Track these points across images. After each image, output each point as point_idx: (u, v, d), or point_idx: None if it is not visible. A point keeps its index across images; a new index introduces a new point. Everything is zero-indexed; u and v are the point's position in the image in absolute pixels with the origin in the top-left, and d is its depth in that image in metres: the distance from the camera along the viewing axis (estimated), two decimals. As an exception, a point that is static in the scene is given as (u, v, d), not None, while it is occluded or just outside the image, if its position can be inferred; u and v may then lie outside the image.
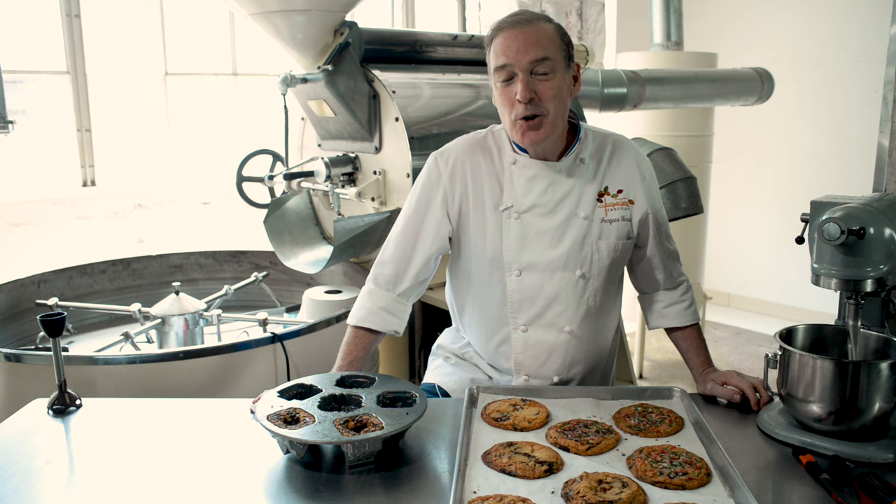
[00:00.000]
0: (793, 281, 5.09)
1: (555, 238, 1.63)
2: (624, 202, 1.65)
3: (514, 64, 1.52)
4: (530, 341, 1.69)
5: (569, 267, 1.64)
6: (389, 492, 1.27)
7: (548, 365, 1.71)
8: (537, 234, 1.64)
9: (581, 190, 1.64)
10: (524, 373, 1.73)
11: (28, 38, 3.65)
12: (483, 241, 1.66)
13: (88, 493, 1.29)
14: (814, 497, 1.25)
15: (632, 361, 3.16)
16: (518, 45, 1.51)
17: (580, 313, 1.68)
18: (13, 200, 3.54)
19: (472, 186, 1.67)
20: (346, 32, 2.60)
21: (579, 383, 1.76)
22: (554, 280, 1.65)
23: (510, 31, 1.53)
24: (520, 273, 1.65)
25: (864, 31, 4.92)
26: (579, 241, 1.63)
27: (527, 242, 1.64)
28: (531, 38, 1.51)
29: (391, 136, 2.62)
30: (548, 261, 1.64)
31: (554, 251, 1.64)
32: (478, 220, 1.67)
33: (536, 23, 1.54)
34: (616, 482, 1.23)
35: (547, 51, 1.52)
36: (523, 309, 1.68)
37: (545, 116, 1.55)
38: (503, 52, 1.53)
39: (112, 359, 1.96)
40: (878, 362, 1.38)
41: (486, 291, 1.71)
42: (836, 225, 1.39)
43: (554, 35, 1.55)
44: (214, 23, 4.27)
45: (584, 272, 1.64)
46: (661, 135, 4.17)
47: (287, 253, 2.81)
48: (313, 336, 2.18)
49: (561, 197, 1.63)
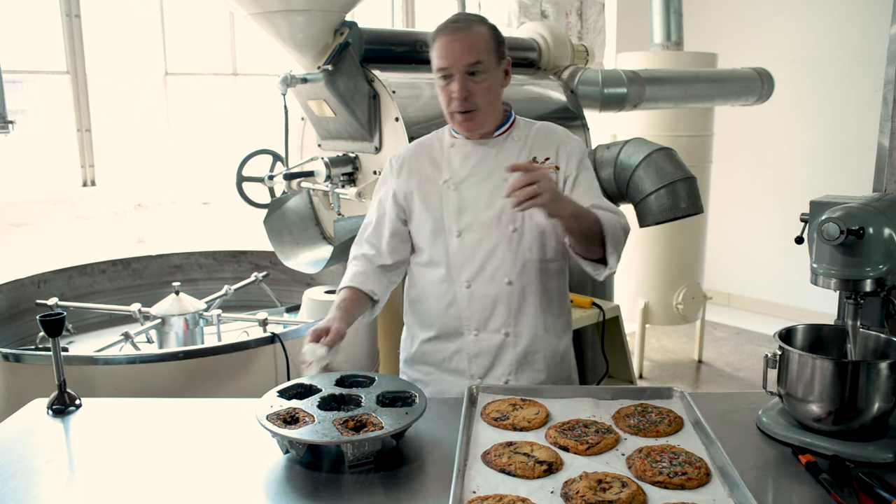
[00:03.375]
0: (792, 281, 5.09)
1: (488, 201, 1.82)
2: (551, 167, 1.81)
3: (452, 67, 1.72)
4: (475, 296, 1.84)
5: (502, 223, 1.81)
6: (389, 492, 1.27)
7: (494, 317, 1.84)
8: (473, 199, 1.83)
9: (510, 160, 1.80)
10: (473, 328, 1.85)
11: (28, 38, 3.65)
12: (427, 210, 1.87)
13: (88, 493, 1.29)
14: (813, 497, 1.25)
15: (632, 361, 3.16)
16: (455, 50, 1.71)
17: (517, 265, 1.82)
18: (13, 200, 3.54)
19: (417, 174, 1.90)
20: (346, 32, 2.60)
21: (530, 342, 1.85)
22: (490, 236, 1.82)
23: (449, 36, 1.73)
24: (460, 234, 1.83)
25: (864, 31, 4.92)
26: (510, 200, 1.75)
27: (464, 207, 1.84)
28: (466, 44, 1.72)
29: (391, 136, 2.61)
30: (482, 220, 1.82)
31: (488, 212, 1.82)
32: (423, 198, 1.88)
33: (472, 28, 1.74)
34: (615, 482, 1.23)
35: (480, 55, 1.72)
36: (465, 266, 1.84)
37: (478, 111, 1.76)
38: (443, 55, 1.73)
39: (112, 359, 1.96)
40: (878, 362, 1.38)
41: (433, 258, 1.87)
42: (835, 225, 1.39)
43: (487, 39, 1.75)
44: (214, 23, 4.26)
45: (516, 226, 1.80)
46: (661, 135, 4.16)
47: (287, 253, 2.81)
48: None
49: (492, 167, 1.83)
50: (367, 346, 2.50)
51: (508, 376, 1.85)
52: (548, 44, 3.39)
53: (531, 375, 1.86)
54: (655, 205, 2.95)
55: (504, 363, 1.85)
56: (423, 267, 1.91)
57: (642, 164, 2.96)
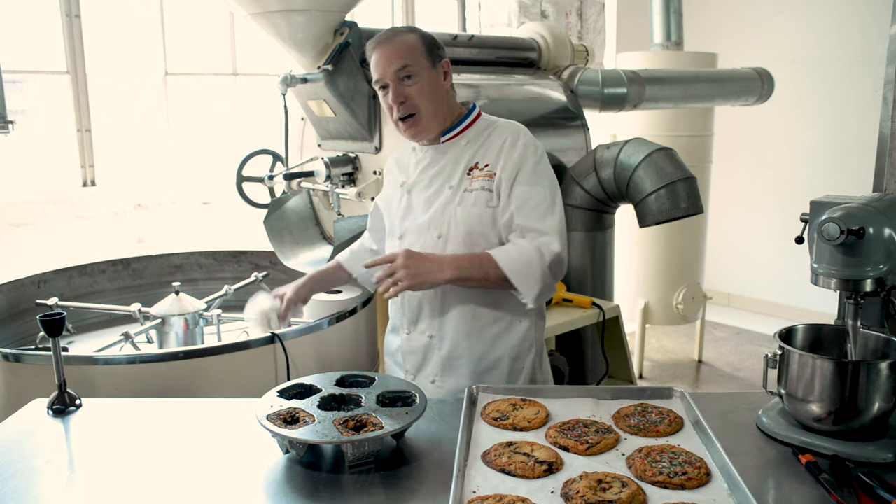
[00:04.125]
0: (793, 281, 5.09)
1: (426, 206, 1.87)
2: (488, 174, 1.82)
3: (384, 76, 1.77)
4: (405, 297, 1.90)
5: (430, 230, 1.84)
6: (389, 492, 1.27)
7: (421, 319, 1.89)
8: (416, 203, 1.89)
9: (454, 166, 1.85)
10: (406, 327, 1.92)
11: (28, 38, 3.65)
12: (388, 215, 1.97)
13: (88, 493, 1.29)
14: (813, 497, 1.25)
15: (632, 361, 3.16)
16: (384, 60, 1.77)
17: None
18: (13, 200, 3.54)
19: (393, 179, 1.99)
20: (346, 32, 2.61)
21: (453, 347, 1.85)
22: (419, 242, 1.85)
23: (378, 49, 1.78)
24: (401, 237, 1.90)
25: (864, 31, 4.92)
26: (441, 207, 1.84)
27: (408, 211, 1.90)
28: (393, 53, 1.76)
29: (391, 136, 2.61)
30: (417, 225, 1.87)
31: (422, 217, 1.86)
32: (392, 200, 1.97)
33: (398, 37, 1.79)
34: (615, 482, 1.23)
35: (406, 59, 1.76)
36: None
37: (418, 115, 1.79)
38: (375, 68, 1.79)
39: (112, 359, 1.96)
40: (878, 362, 1.38)
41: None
42: (835, 225, 1.39)
43: (414, 44, 1.78)
44: (214, 23, 4.26)
45: (441, 233, 1.83)
46: (661, 135, 4.16)
47: (287, 253, 2.81)
48: (313, 336, 2.18)
49: (436, 172, 1.87)
50: (367, 346, 2.50)
51: (435, 377, 1.88)
52: (548, 44, 3.40)
53: (456, 381, 1.86)
54: (655, 205, 2.95)
55: (431, 364, 1.89)
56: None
57: (642, 164, 2.97)
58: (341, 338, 2.30)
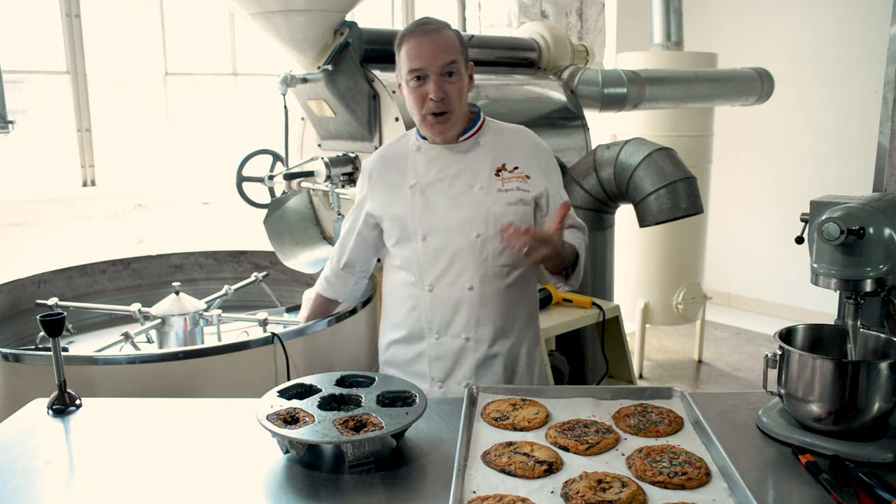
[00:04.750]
0: (793, 281, 5.09)
1: (454, 205, 1.84)
2: (521, 176, 1.84)
3: (427, 67, 1.74)
4: (437, 299, 1.86)
5: (465, 229, 1.82)
6: (389, 492, 1.27)
7: (455, 321, 1.85)
8: (438, 203, 1.85)
9: (477, 166, 1.85)
10: (435, 331, 1.87)
11: (28, 38, 3.65)
12: (394, 214, 1.89)
13: (88, 493, 1.29)
14: (813, 497, 1.25)
15: (632, 361, 3.16)
16: (430, 50, 1.74)
17: (480, 271, 1.83)
18: (13, 200, 3.54)
19: (383, 184, 1.93)
20: (346, 32, 2.61)
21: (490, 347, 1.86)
22: (454, 241, 1.83)
23: (422, 38, 1.75)
24: (424, 238, 1.85)
25: (864, 31, 4.92)
26: (476, 206, 1.82)
27: (430, 211, 1.85)
28: (441, 45, 1.75)
29: (391, 136, 2.61)
30: (447, 224, 1.84)
31: (453, 216, 1.83)
32: (394, 202, 1.90)
33: (443, 31, 1.78)
34: (615, 482, 1.23)
35: (454, 55, 1.76)
36: (428, 270, 1.86)
37: (452, 112, 1.79)
38: (416, 57, 1.75)
39: (112, 359, 1.96)
40: (878, 362, 1.38)
41: (401, 262, 1.90)
42: (835, 225, 1.39)
43: (457, 41, 1.78)
44: (214, 23, 4.26)
45: (479, 233, 1.81)
46: (661, 135, 4.16)
47: (287, 253, 2.81)
48: (313, 336, 2.18)
49: (457, 172, 1.85)
50: (367, 346, 2.50)
51: (469, 380, 1.86)
52: (548, 44, 3.40)
53: (491, 378, 1.88)
54: (655, 205, 2.95)
55: (464, 367, 1.87)
56: (392, 269, 1.95)
57: (642, 164, 2.96)
58: (341, 338, 2.30)
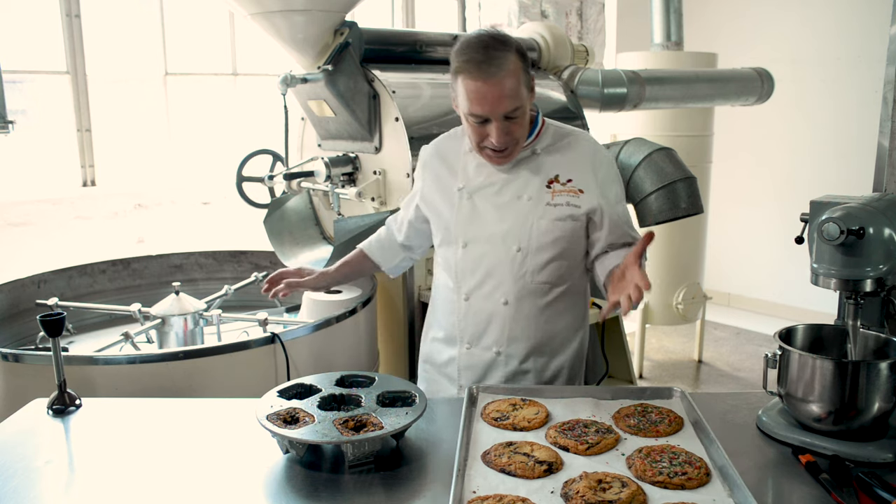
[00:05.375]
0: (793, 281, 5.09)
1: (499, 215, 1.77)
2: (573, 190, 1.75)
3: (490, 115, 1.62)
4: (471, 310, 1.81)
5: (507, 242, 1.76)
6: (389, 492, 1.27)
7: (487, 334, 1.81)
8: (484, 211, 1.78)
9: (529, 176, 1.76)
10: (466, 340, 1.84)
11: (28, 38, 3.65)
12: (440, 217, 1.85)
13: (88, 493, 1.29)
14: (813, 497, 1.25)
15: (632, 361, 3.17)
16: (494, 98, 1.60)
17: (517, 287, 1.77)
18: (13, 200, 3.54)
19: (435, 178, 1.87)
20: (346, 32, 2.60)
21: (521, 362, 1.81)
22: (493, 253, 1.77)
23: (485, 83, 1.58)
24: (465, 245, 1.80)
25: (864, 31, 4.92)
26: (521, 218, 1.75)
27: (474, 218, 1.79)
28: (504, 91, 1.59)
29: (391, 136, 2.62)
30: (489, 234, 1.77)
31: (496, 226, 1.77)
32: (442, 201, 1.85)
33: (503, 66, 1.58)
34: (615, 482, 1.23)
35: (517, 100, 1.62)
36: (466, 279, 1.81)
37: (513, 147, 1.70)
38: (477, 103, 1.61)
39: (112, 359, 1.96)
40: (878, 362, 1.38)
41: (443, 262, 1.87)
42: (835, 225, 1.39)
43: (519, 71, 1.62)
44: (214, 23, 4.27)
45: (520, 247, 1.75)
46: (661, 135, 4.16)
47: (287, 253, 2.81)
48: (313, 336, 2.18)
49: (507, 181, 1.77)
50: (367, 346, 2.50)
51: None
52: (548, 44, 3.40)
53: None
54: (655, 205, 2.95)
55: (493, 379, 1.83)
56: (437, 267, 1.91)
57: (642, 164, 2.96)
58: (341, 338, 2.30)
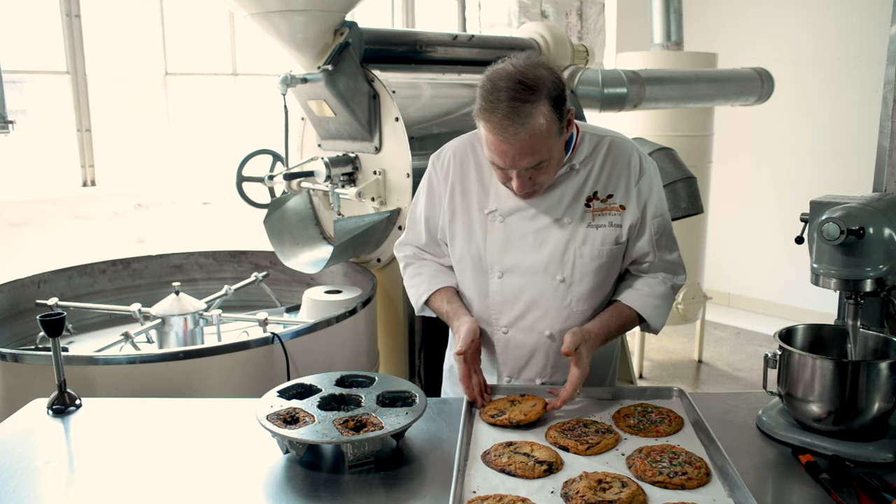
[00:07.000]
0: (793, 281, 5.08)
1: (537, 242, 1.63)
2: (614, 208, 1.62)
3: (510, 168, 1.50)
4: (511, 343, 1.69)
5: (549, 271, 1.63)
6: (389, 491, 1.27)
7: (529, 367, 1.70)
8: (520, 237, 1.64)
9: (568, 196, 1.62)
10: (506, 374, 1.72)
11: (28, 38, 3.65)
12: (469, 242, 1.68)
13: (88, 493, 1.29)
14: (813, 497, 1.25)
15: (632, 361, 3.17)
16: (512, 154, 1.46)
17: (561, 318, 1.65)
18: (13, 200, 3.54)
19: (460, 188, 1.69)
20: (346, 32, 2.60)
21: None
22: (534, 284, 1.64)
23: (501, 136, 1.43)
24: (502, 275, 1.65)
25: (864, 31, 4.92)
26: (561, 246, 1.62)
27: (509, 245, 1.64)
28: (525, 149, 1.45)
29: (391, 136, 2.61)
30: (528, 264, 1.63)
31: (535, 255, 1.63)
32: (465, 221, 1.69)
33: (528, 123, 1.42)
34: (615, 482, 1.23)
35: (542, 154, 1.47)
36: (504, 311, 1.68)
37: (540, 190, 1.58)
38: (498, 155, 1.48)
39: (112, 359, 1.96)
40: (878, 362, 1.38)
41: (472, 291, 1.71)
42: (835, 225, 1.39)
43: (547, 125, 1.45)
44: (214, 23, 4.27)
45: (564, 277, 1.62)
46: (661, 135, 4.16)
47: (287, 253, 2.81)
48: (313, 336, 2.18)
49: (545, 202, 1.62)
50: (367, 346, 2.50)
51: None
52: (548, 44, 3.39)
53: None
54: (655, 205, 2.95)
55: None
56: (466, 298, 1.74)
57: (642, 164, 2.96)
58: (341, 338, 2.30)
